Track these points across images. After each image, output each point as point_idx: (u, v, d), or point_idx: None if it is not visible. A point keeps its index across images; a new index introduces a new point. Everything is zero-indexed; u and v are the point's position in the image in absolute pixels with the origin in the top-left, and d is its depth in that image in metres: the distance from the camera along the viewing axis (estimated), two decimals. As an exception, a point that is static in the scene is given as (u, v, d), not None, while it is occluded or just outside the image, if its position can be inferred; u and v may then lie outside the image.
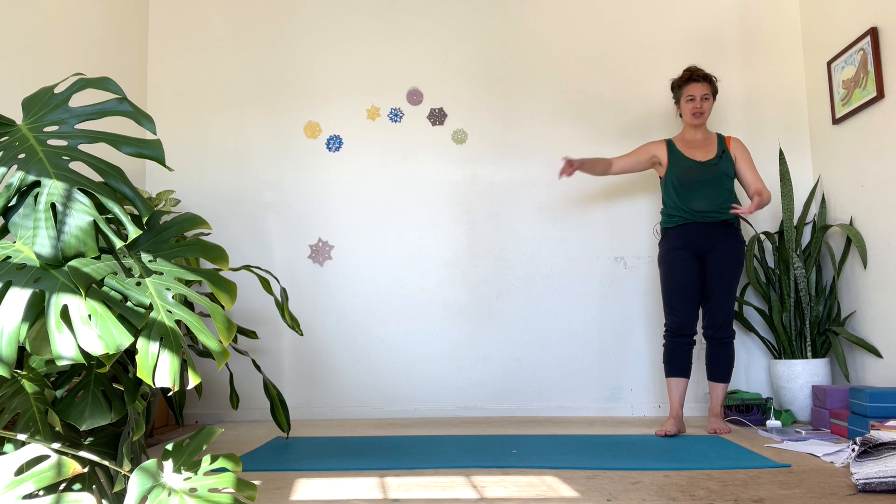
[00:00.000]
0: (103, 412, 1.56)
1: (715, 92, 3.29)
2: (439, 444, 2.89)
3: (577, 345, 3.82)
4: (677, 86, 3.32)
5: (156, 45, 4.14)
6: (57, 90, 3.17)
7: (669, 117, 3.86)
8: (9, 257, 1.47)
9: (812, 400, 3.31)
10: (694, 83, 3.25)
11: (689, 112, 3.26)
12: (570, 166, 3.23)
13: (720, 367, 3.18)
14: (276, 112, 4.05)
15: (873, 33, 3.18)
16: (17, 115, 2.78)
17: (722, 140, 3.29)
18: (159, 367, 1.38)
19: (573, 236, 3.88)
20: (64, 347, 1.34)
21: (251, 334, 3.13)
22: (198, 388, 3.23)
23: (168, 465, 1.35)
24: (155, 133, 1.69)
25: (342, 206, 3.98)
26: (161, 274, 1.57)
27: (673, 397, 3.15)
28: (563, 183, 3.90)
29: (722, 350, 3.17)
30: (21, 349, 1.59)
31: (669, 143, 3.35)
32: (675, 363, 3.16)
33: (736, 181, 3.49)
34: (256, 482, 2.27)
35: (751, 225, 3.76)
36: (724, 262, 3.15)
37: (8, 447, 1.44)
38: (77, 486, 1.51)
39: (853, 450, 2.21)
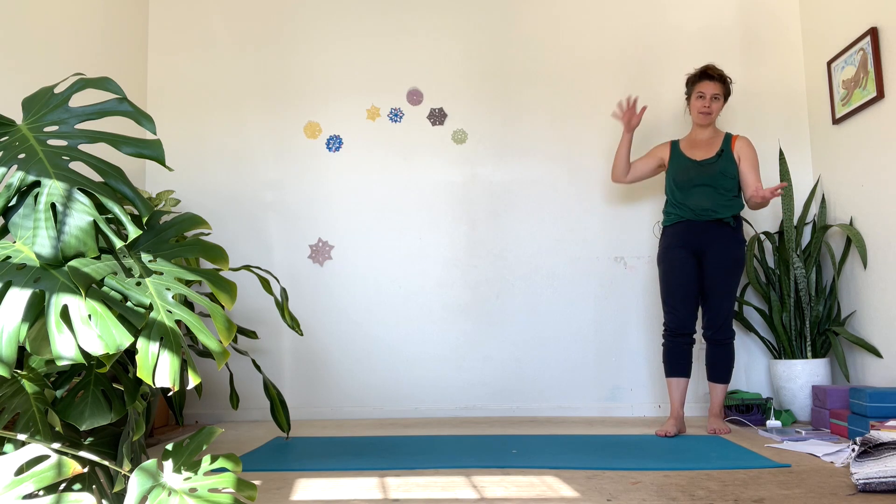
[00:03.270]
0: (103, 412, 1.56)
1: (727, 93, 3.24)
2: (439, 444, 2.89)
3: (577, 345, 3.82)
4: (691, 81, 3.27)
5: (156, 45, 4.13)
6: (57, 90, 3.17)
7: (671, 117, 3.86)
8: (9, 257, 1.47)
9: (812, 400, 3.31)
10: (707, 81, 3.19)
11: (696, 110, 3.22)
12: (632, 112, 3.25)
13: (720, 368, 3.16)
14: (276, 112, 4.05)
15: (873, 33, 3.18)
16: (17, 115, 2.78)
17: (727, 139, 3.24)
18: (159, 367, 1.38)
19: (573, 236, 3.88)
20: (64, 347, 1.34)
21: (251, 334, 3.13)
22: (198, 388, 3.22)
23: (168, 465, 1.35)
24: (155, 133, 1.69)
25: (342, 206, 3.98)
26: (161, 274, 1.57)
27: (673, 397, 3.14)
28: (563, 183, 3.90)
29: (721, 351, 3.15)
30: (21, 349, 1.59)
31: (674, 144, 3.35)
32: (675, 363, 3.15)
33: None
34: (256, 482, 2.27)
35: (751, 225, 3.75)
36: (721, 263, 3.12)
37: (8, 447, 1.44)
38: (77, 486, 1.51)
39: (853, 450, 2.21)
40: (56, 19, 3.25)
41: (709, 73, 3.19)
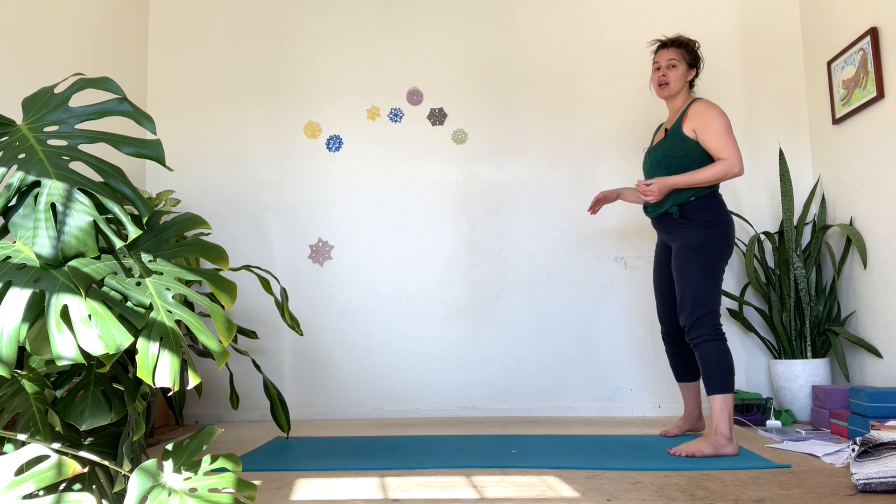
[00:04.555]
0: (103, 412, 1.56)
1: (692, 59, 2.86)
2: (439, 444, 2.89)
3: (578, 345, 3.82)
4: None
5: (156, 45, 4.14)
6: (57, 90, 3.17)
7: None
8: (9, 257, 1.47)
9: (812, 400, 3.31)
10: (661, 50, 2.89)
11: (654, 83, 2.89)
12: (599, 202, 3.02)
13: (705, 374, 2.63)
14: (276, 112, 4.06)
15: (873, 33, 3.18)
16: (17, 115, 2.78)
17: (684, 111, 2.79)
18: (159, 367, 1.38)
19: (573, 236, 3.88)
20: (64, 347, 1.34)
21: (251, 334, 3.13)
22: (198, 388, 3.23)
23: (168, 465, 1.35)
24: (155, 133, 1.69)
25: (342, 206, 3.98)
26: (161, 274, 1.57)
27: (685, 401, 3.04)
28: (563, 183, 3.90)
29: (699, 354, 2.65)
30: (21, 349, 1.59)
31: (658, 129, 3.08)
32: (678, 369, 3.03)
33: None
34: (256, 482, 2.27)
35: (751, 225, 3.75)
36: (677, 255, 2.74)
37: (8, 447, 1.44)
38: (77, 486, 1.51)
39: (853, 450, 2.21)
40: (56, 19, 3.25)
41: (662, 42, 2.90)
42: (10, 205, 1.51)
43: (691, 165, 2.72)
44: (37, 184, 1.52)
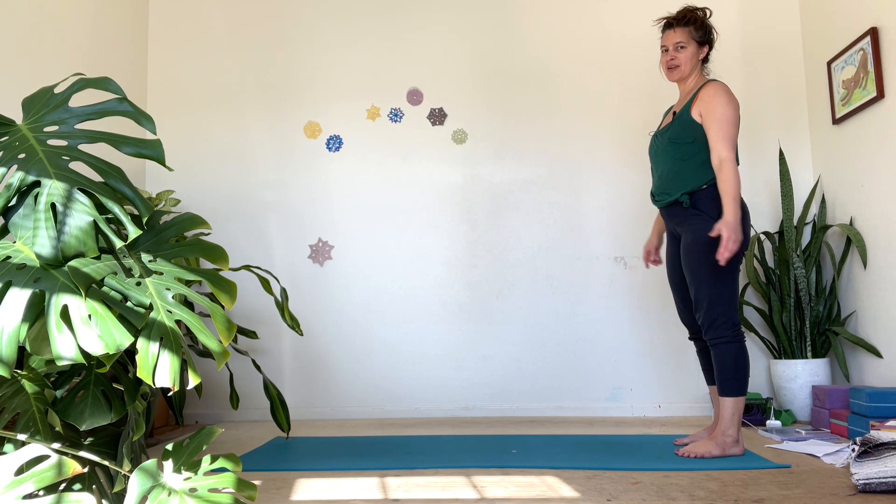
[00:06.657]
0: (103, 412, 1.56)
1: (703, 38, 2.71)
2: (439, 444, 2.89)
3: (577, 344, 3.82)
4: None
5: (156, 45, 4.14)
6: (57, 90, 3.17)
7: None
8: (9, 257, 1.47)
9: (812, 400, 3.31)
10: (668, 31, 2.73)
11: (663, 66, 2.76)
12: (650, 254, 2.94)
13: (718, 375, 2.58)
14: (276, 112, 4.05)
15: (873, 33, 3.18)
16: (17, 115, 2.78)
17: (695, 94, 2.67)
18: (159, 367, 1.38)
19: (573, 236, 3.88)
20: (64, 347, 1.34)
21: (251, 334, 3.13)
22: (198, 388, 3.23)
23: (168, 465, 1.35)
24: (155, 133, 1.69)
25: (342, 206, 3.98)
26: (161, 274, 1.57)
27: (714, 408, 2.81)
28: (563, 183, 3.90)
29: (715, 354, 2.59)
30: (21, 349, 1.59)
31: (667, 112, 2.93)
32: (704, 369, 2.86)
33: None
34: (256, 482, 2.27)
35: (751, 225, 3.75)
36: (687, 250, 2.61)
37: (8, 447, 1.44)
38: (77, 486, 1.51)
39: (853, 450, 2.21)
40: (56, 19, 3.25)
41: (668, 23, 2.74)
42: (10, 205, 1.51)
43: (700, 152, 2.61)
44: (37, 184, 1.52)
